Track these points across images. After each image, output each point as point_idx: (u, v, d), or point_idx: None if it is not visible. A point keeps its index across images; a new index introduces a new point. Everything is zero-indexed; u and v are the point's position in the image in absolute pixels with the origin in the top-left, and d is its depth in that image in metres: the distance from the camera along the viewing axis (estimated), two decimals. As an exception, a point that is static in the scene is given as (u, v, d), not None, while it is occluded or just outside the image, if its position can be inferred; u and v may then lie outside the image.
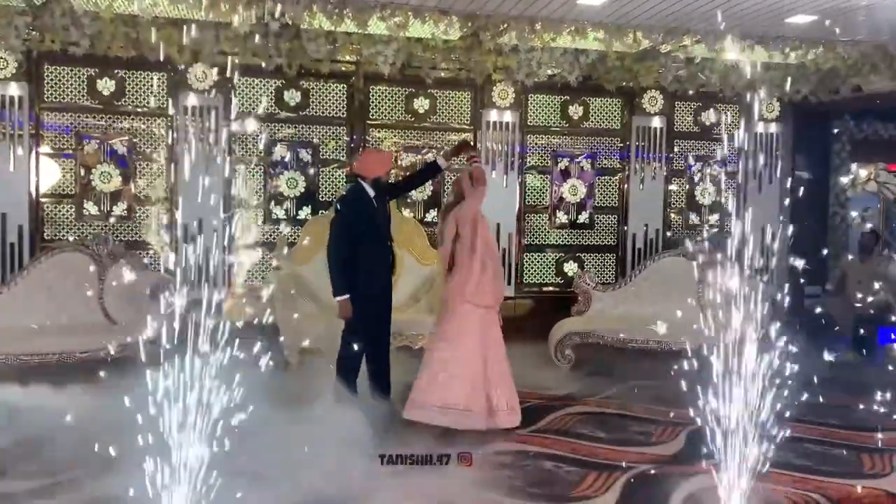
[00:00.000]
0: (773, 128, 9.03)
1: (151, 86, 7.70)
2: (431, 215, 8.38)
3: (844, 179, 9.63)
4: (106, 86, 7.62)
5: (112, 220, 7.67)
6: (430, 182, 7.96)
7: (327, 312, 6.82)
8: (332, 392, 5.08)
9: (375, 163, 5.29)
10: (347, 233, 5.04)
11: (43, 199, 7.57)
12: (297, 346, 6.40)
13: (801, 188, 8.82)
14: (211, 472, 3.20)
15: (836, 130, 9.57)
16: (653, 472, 4.42)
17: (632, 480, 4.28)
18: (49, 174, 7.58)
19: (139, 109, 7.72)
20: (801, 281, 5.34)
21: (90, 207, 7.65)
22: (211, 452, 3.17)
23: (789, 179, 8.99)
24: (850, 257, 8.72)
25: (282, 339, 6.39)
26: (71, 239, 7.41)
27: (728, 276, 3.51)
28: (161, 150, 7.77)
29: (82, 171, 7.63)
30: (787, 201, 8.66)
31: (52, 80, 7.54)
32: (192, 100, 7.60)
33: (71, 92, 7.59)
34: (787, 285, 5.82)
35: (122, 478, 3.35)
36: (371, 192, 5.18)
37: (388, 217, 5.31)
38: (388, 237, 5.28)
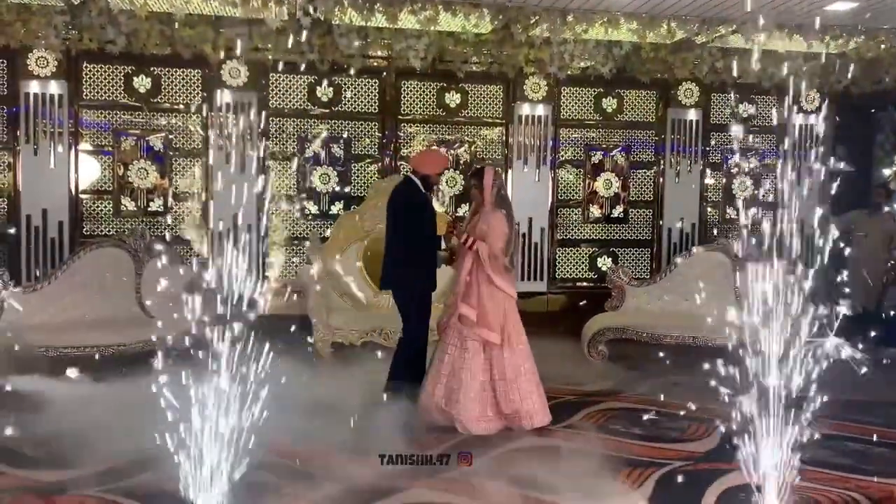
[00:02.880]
0: (813, 119, 8.84)
1: (187, 83, 7.82)
2: (464, 209, 8.38)
3: (887, 171, 9.39)
4: (142, 83, 7.75)
5: (149, 215, 7.81)
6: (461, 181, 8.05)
7: (359, 306, 6.90)
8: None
9: (430, 161, 5.43)
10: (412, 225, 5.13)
11: (82, 196, 7.73)
12: (329, 340, 6.49)
13: (843, 181, 8.62)
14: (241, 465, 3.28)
15: (879, 121, 9.33)
16: (686, 468, 4.38)
17: (665, 476, 4.24)
18: (88, 171, 7.74)
19: (175, 106, 7.83)
20: (839, 273, 5.25)
21: (127, 203, 7.79)
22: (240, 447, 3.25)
23: (830, 172, 8.79)
24: (859, 212, 8.27)
25: (315, 332, 6.47)
26: (109, 234, 7.58)
27: (765, 269, 3.45)
28: (196, 146, 7.89)
29: (120, 168, 7.78)
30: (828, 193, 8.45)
31: (90, 78, 7.69)
32: (226, 96, 7.70)
33: (108, 89, 7.73)
34: (825, 279, 5.71)
35: (165, 469, 3.43)
36: (422, 188, 5.26)
37: (434, 217, 5.34)
38: (436, 236, 5.31)
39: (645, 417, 5.33)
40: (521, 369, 4.99)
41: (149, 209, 7.83)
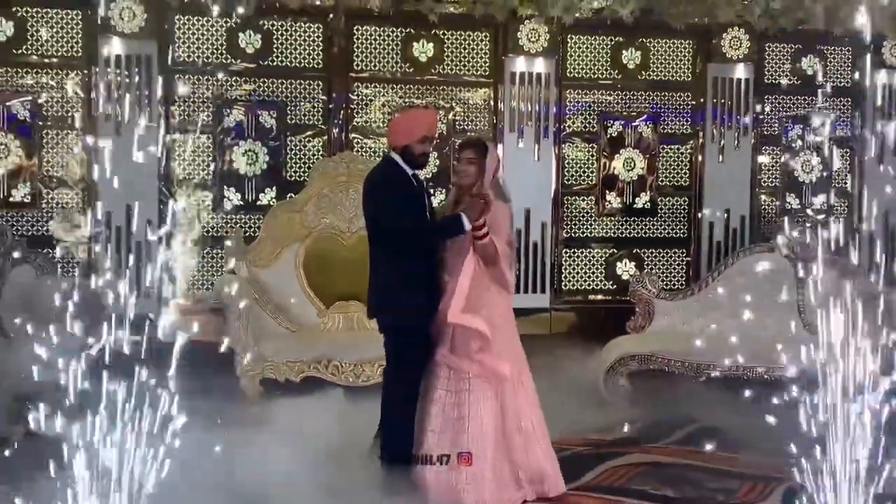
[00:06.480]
0: (899, 78, 8.98)
1: (62, 28, 7.74)
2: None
3: None
4: (1, 28, 7.66)
5: (11, 207, 7.71)
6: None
7: (298, 329, 6.87)
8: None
9: (403, 124, 5.08)
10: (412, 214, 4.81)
11: (-81, 181, 7.65)
12: (258, 375, 6.45)
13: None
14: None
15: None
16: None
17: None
18: (-74, 148, 7.66)
19: (47, 60, 7.75)
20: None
21: (-19, 192, 7.72)
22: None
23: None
24: None
25: (237, 365, 6.43)
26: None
27: (836, 277, 3.49)
28: (76, 114, 7.80)
29: (-29, 144, 7.69)
30: None
31: (-71, 21, 7.59)
32: (116, 47, 7.63)
33: (-45, 37, 7.64)
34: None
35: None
36: (407, 170, 4.94)
37: (431, 208, 5.06)
38: (435, 235, 5.02)
39: (682, 474, 5.36)
40: (537, 413, 4.95)
41: (10, 199, 7.75)
